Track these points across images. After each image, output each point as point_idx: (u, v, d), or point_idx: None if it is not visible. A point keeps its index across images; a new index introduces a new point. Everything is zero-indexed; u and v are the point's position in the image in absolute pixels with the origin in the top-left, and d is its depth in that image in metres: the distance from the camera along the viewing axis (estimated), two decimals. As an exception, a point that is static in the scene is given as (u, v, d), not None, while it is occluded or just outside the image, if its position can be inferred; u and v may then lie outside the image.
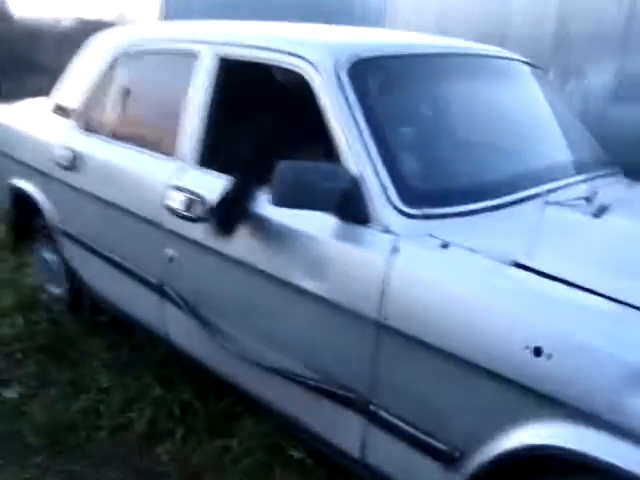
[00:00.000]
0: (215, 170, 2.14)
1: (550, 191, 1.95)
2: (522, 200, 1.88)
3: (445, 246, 1.60)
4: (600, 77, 3.79)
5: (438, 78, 2.22)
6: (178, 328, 2.36)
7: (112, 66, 2.75)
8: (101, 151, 2.64)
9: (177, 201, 2.18)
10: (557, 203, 1.81)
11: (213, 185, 2.06)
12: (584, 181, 2.15)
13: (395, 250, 1.62)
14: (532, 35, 3.98)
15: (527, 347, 1.36)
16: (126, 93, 2.67)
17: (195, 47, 2.33)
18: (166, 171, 2.28)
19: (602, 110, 3.73)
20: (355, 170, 1.74)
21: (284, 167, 1.67)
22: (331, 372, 1.81)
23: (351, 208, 1.71)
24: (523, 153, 2.25)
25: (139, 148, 2.47)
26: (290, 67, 2.00)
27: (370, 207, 1.70)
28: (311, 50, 1.97)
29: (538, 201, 1.79)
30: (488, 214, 1.79)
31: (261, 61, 2.12)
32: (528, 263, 1.49)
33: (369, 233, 1.70)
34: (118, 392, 2.57)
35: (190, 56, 2.32)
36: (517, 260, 1.51)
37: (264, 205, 1.91)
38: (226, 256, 2.03)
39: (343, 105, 1.82)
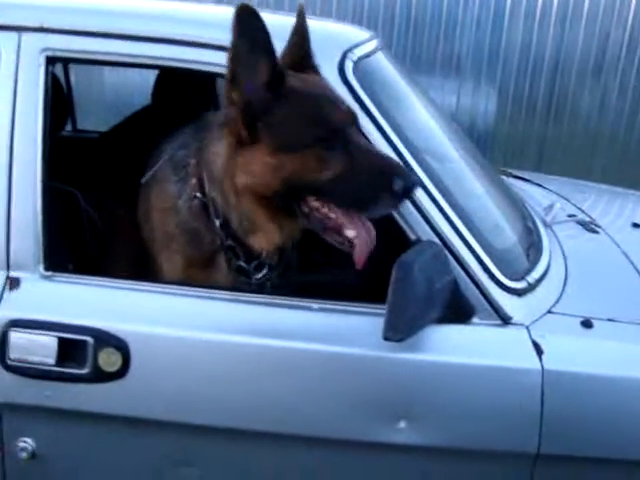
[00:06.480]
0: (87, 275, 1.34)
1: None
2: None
3: (587, 324, 1.30)
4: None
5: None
6: None
7: None
8: None
9: (29, 350, 1.26)
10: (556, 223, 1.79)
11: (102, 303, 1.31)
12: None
13: (537, 348, 1.26)
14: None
15: None
16: None
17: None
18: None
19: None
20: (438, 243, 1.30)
21: (406, 266, 1.16)
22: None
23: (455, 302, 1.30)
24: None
25: None
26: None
27: (473, 293, 1.30)
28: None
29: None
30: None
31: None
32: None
33: (488, 332, 1.29)
34: None
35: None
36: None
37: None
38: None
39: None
